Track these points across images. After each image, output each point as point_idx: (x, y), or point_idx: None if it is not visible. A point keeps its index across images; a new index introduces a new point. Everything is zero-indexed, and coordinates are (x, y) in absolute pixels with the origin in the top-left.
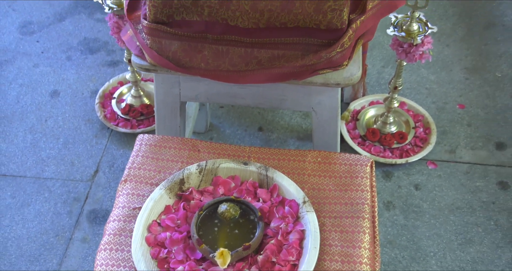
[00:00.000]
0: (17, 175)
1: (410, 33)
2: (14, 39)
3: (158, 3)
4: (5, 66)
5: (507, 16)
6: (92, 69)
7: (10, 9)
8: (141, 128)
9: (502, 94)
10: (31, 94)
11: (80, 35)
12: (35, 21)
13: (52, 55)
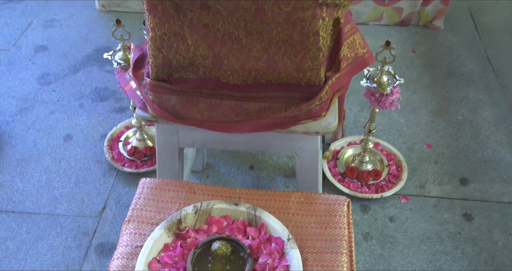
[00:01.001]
0: (32, 212)
1: (380, 84)
2: (33, 89)
3: (159, 64)
4: (25, 113)
5: (465, 66)
6: (102, 115)
7: (30, 63)
8: (145, 168)
9: (464, 135)
10: (47, 138)
11: (91, 85)
12: (52, 73)
13: (66, 103)
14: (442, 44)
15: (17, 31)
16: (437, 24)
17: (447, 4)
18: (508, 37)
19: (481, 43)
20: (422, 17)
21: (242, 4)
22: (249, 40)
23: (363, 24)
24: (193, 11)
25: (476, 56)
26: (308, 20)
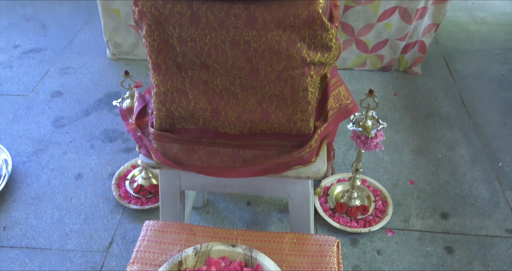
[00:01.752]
0: (44, 248)
1: (365, 128)
2: (48, 131)
3: (163, 116)
4: (40, 154)
5: (442, 108)
6: (110, 154)
7: (47, 107)
8: (149, 205)
9: (443, 172)
10: (59, 177)
11: (102, 127)
12: (66, 116)
13: (78, 144)
14: (421, 88)
15: (36, 78)
16: (415, 70)
17: (424, 52)
18: (479, 82)
19: (456, 87)
20: (401, 64)
21: (237, 64)
22: (245, 95)
23: (348, 70)
24: (193, 69)
25: (452, 99)
26: (298, 77)
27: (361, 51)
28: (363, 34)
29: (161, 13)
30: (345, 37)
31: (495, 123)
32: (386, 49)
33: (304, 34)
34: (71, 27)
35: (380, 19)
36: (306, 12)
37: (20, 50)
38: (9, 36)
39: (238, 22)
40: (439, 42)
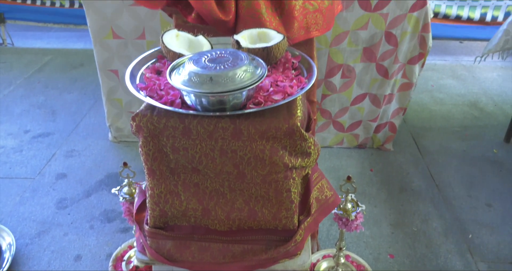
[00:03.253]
0: None
1: (346, 211)
2: (51, 213)
3: (157, 215)
4: (42, 236)
5: (414, 182)
6: (108, 235)
7: (51, 189)
8: None
9: (419, 245)
10: (59, 259)
11: (101, 207)
12: (69, 197)
13: (79, 225)
14: (393, 164)
15: (43, 161)
16: (387, 147)
17: (395, 132)
18: (444, 157)
19: (424, 162)
20: (375, 142)
21: (226, 169)
22: (233, 195)
23: (328, 147)
24: (185, 173)
25: (421, 174)
26: (281, 180)
27: (338, 131)
28: (339, 116)
29: (156, 127)
30: (323, 120)
31: (462, 196)
32: (360, 129)
33: (285, 143)
34: (78, 113)
35: (353, 103)
36: (286, 125)
37: (30, 135)
38: (21, 122)
39: (225, 134)
40: (407, 121)
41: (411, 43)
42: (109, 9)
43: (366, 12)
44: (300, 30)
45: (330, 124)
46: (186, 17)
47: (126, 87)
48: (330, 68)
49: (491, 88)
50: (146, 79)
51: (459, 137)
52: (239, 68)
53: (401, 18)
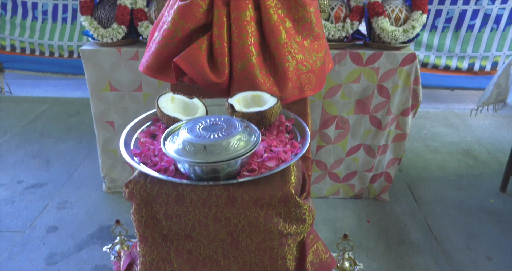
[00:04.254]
0: None
1: (343, 270)
2: (40, 269)
3: None
4: None
5: (411, 234)
6: None
7: (41, 243)
8: None
9: None
10: None
11: (92, 263)
12: (59, 252)
13: None
14: (390, 215)
15: (34, 214)
16: (384, 197)
17: (390, 182)
18: (441, 208)
19: (421, 212)
20: (371, 192)
21: (219, 236)
22: (227, 263)
23: (324, 198)
24: (178, 239)
25: (419, 225)
26: (276, 248)
27: (334, 182)
28: (335, 168)
29: (149, 194)
30: (319, 172)
31: (461, 249)
32: (356, 179)
33: (279, 210)
34: (72, 162)
35: (348, 154)
36: (280, 193)
37: (23, 185)
38: (15, 172)
39: (219, 202)
40: (402, 169)
41: (403, 95)
42: (107, 63)
43: (358, 67)
44: (294, 90)
45: (326, 175)
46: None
47: None
48: (324, 119)
49: (483, 137)
50: (141, 144)
51: (455, 186)
52: (232, 137)
53: (392, 72)
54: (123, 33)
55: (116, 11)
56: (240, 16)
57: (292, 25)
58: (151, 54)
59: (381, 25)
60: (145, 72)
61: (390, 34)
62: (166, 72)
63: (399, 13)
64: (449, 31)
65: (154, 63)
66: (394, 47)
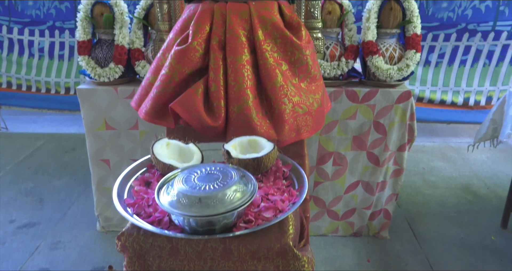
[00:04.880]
0: None
1: None
2: None
3: None
4: None
5: None
6: None
7: None
8: None
9: None
10: None
11: None
12: None
13: None
14: (391, 253)
15: (25, 255)
16: (383, 234)
17: (389, 219)
18: (442, 245)
19: (422, 251)
20: (370, 229)
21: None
22: None
23: (323, 236)
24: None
25: (421, 264)
26: None
27: (333, 219)
28: (333, 205)
29: (142, 247)
30: (317, 210)
31: None
32: (355, 217)
33: (277, 263)
34: (66, 200)
35: (346, 191)
36: (278, 245)
37: (15, 225)
38: (7, 211)
39: (215, 255)
40: (401, 205)
41: (400, 132)
42: (103, 102)
43: (354, 104)
44: (290, 132)
45: (324, 213)
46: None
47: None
48: (321, 155)
49: (481, 171)
50: (135, 193)
51: (455, 223)
52: (228, 188)
53: (388, 109)
54: (120, 72)
55: (114, 51)
56: (236, 60)
57: (289, 68)
58: (150, 99)
59: (375, 64)
60: (144, 118)
61: (385, 73)
62: (165, 117)
63: (393, 52)
64: (442, 66)
65: (153, 109)
66: (389, 85)
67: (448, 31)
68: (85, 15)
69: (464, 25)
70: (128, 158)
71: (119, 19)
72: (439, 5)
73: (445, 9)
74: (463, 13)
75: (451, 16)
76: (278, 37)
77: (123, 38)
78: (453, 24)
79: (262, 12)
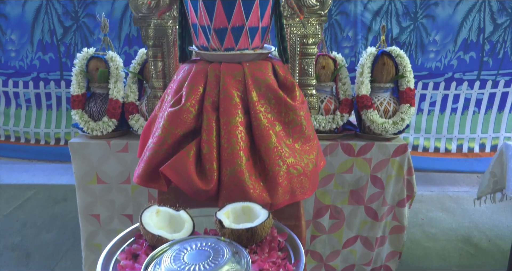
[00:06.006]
0: None
1: None
2: None
3: None
4: None
5: None
6: None
7: None
8: None
9: None
10: None
11: None
12: None
13: None
14: None
15: None
16: None
17: None
18: None
19: None
20: None
21: None
22: None
23: None
24: None
25: None
26: None
27: None
28: (331, 260)
29: None
30: (314, 263)
31: None
32: None
33: None
34: (54, 256)
35: (344, 246)
36: None
37: None
38: None
39: None
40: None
41: (398, 186)
42: (95, 156)
43: (350, 157)
44: (284, 195)
45: (322, 267)
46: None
47: (106, 231)
48: (318, 209)
49: (481, 222)
50: (120, 269)
51: None
52: (220, 268)
53: (385, 162)
54: (114, 126)
55: (108, 105)
56: (229, 121)
57: (283, 129)
58: (142, 162)
59: (370, 118)
60: (137, 182)
61: (380, 126)
62: (158, 179)
63: (387, 106)
64: (434, 114)
65: (145, 172)
66: (385, 138)
67: (437, 79)
68: (80, 69)
69: (451, 74)
70: (119, 213)
71: (114, 74)
72: (427, 55)
73: (432, 59)
74: (449, 63)
75: (438, 66)
76: (272, 98)
77: (117, 92)
78: (441, 73)
79: (256, 73)
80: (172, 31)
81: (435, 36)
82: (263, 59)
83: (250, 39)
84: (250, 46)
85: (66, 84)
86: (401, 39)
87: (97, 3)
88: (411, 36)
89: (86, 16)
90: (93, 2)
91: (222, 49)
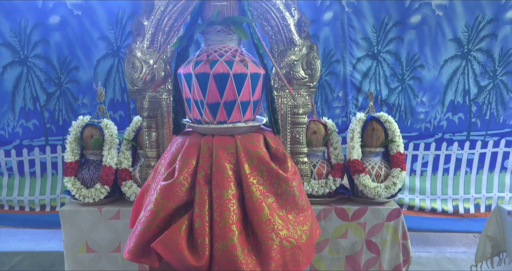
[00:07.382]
0: None
1: None
2: None
3: None
4: None
5: None
6: None
7: None
8: None
9: None
10: None
11: None
12: None
13: None
14: None
15: None
16: None
17: None
18: None
19: None
20: None
21: None
22: None
23: None
24: None
25: None
26: None
27: None
28: None
29: None
30: None
31: None
32: None
33: None
34: None
35: None
36: None
37: None
38: None
39: None
40: None
41: (393, 251)
42: (86, 223)
43: (344, 222)
44: (277, 268)
45: None
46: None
47: None
48: None
49: None
50: None
51: None
52: None
53: (379, 227)
54: (106, 193)
55: (101, 172)
56: (222, 194)
57: (275, 200)
58: (134, 237)
59: (363, 182)
60: (128, 257)
61: (372, 191)
62: (149, 255)
63: (379, 170)
64: (427, 175)
65: (136, 247)
66: (378, 202)
67: (427, 140)
68: (74, 137)
69: (441, 135)
70: None
71: (109, 141)
72: (417, 116)
73: (422, 120)
74: (439, 124)
75: (428, 127)
76: (264, 170)
77: (111, 159)
78: (431, 134)
79: (248, 145)
80: (166, 103)
81: (423, 98)
82: (255, 131)
83: (242, 112)
84: (242, 119)
85: (51, 150)
86: (390, 101)
87: (80, 68)
88: (399, 97)
89: (69, 82)
90: (76, 67)
91: (214, 122)
